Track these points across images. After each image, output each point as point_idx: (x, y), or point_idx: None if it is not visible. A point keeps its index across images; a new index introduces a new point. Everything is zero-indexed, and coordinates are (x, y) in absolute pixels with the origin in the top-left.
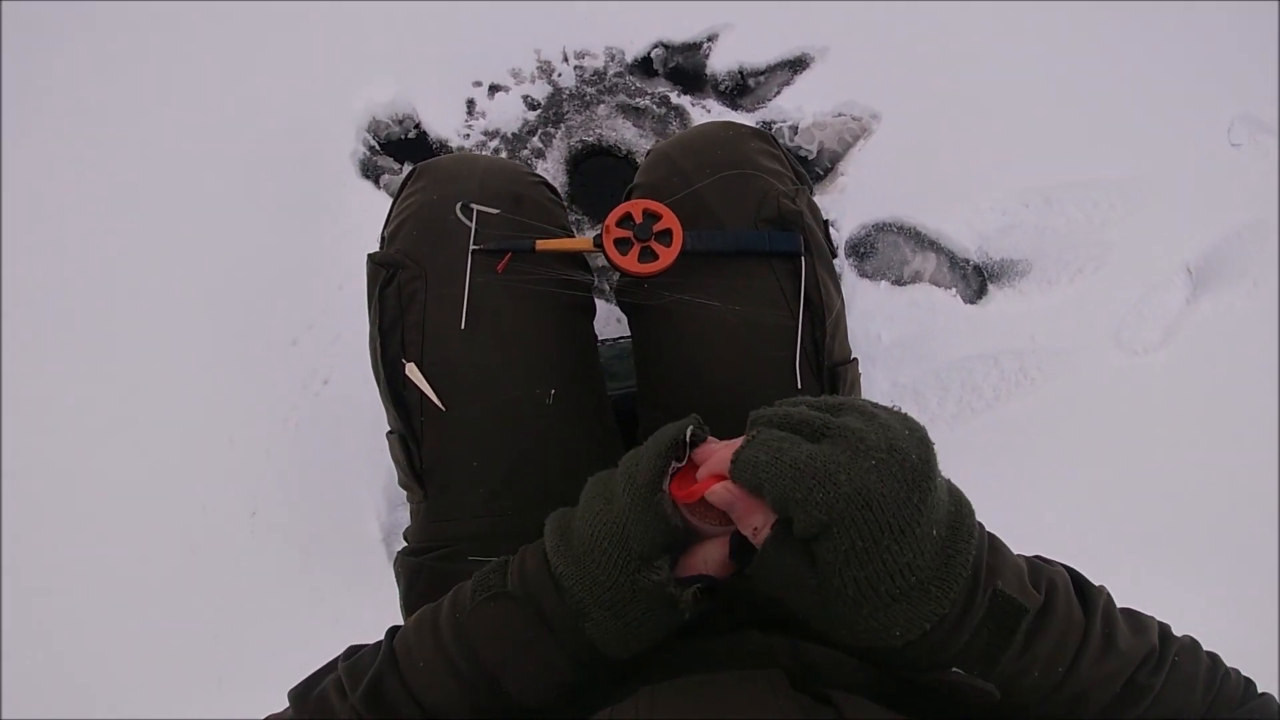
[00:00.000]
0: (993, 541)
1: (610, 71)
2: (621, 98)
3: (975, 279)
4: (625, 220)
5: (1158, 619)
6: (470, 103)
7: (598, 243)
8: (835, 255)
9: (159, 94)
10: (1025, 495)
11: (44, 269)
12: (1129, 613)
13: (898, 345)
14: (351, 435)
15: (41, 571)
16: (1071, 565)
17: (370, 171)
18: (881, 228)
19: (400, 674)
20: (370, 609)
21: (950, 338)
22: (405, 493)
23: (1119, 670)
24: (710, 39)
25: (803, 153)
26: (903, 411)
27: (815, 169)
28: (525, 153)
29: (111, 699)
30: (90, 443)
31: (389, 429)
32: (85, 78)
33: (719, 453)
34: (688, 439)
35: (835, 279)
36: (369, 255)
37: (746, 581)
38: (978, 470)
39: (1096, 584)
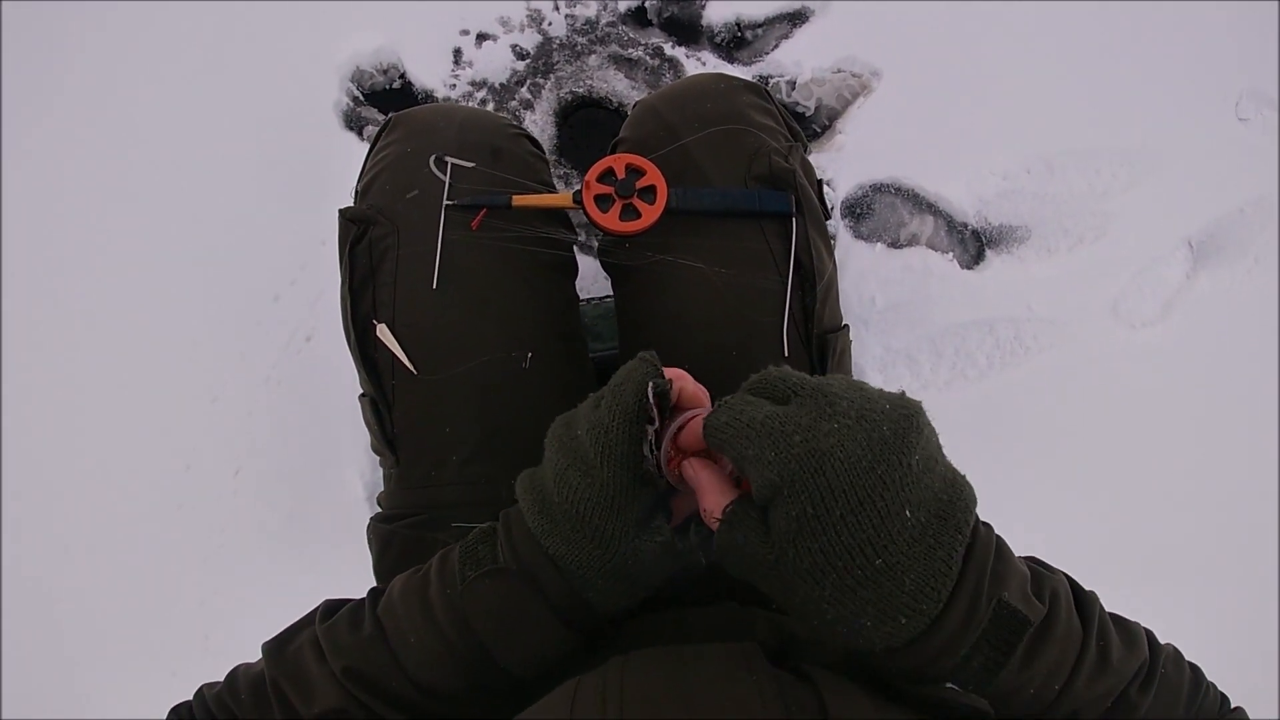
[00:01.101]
0: (1001, 545)
1: (603, 21)
2: (614, 48)
3: (973, 244)
4: (607, 176)
5: (1143, 625)
6: (457, 52)
7: (577, 199)
8: (829, 217)
9: (138, 46)
10: (1016, 465)
11: (21, 231)
12: (1119, 621)
13: (892, 309)
14: (334, 393)
15: (28, 528)
16: (1055, 566)
17: (354, 123)
18: (879, 188)
19: (390, 649)
20: (353, 566)
21: (946, 303)
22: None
23: (1112, 688)
24: None
25: (800, 109)
26: (899, 393)
27: (812, 126)
28: (513, 104)
29: (96, 657)
30: (74, 400)
31: (360, 392)
32: (65, 32)
33: (695, 422)
34: (651, 399)
35: (828, 242)
36: (340, 210)
37: None
38: (969, 437)
39: (1087, 590)
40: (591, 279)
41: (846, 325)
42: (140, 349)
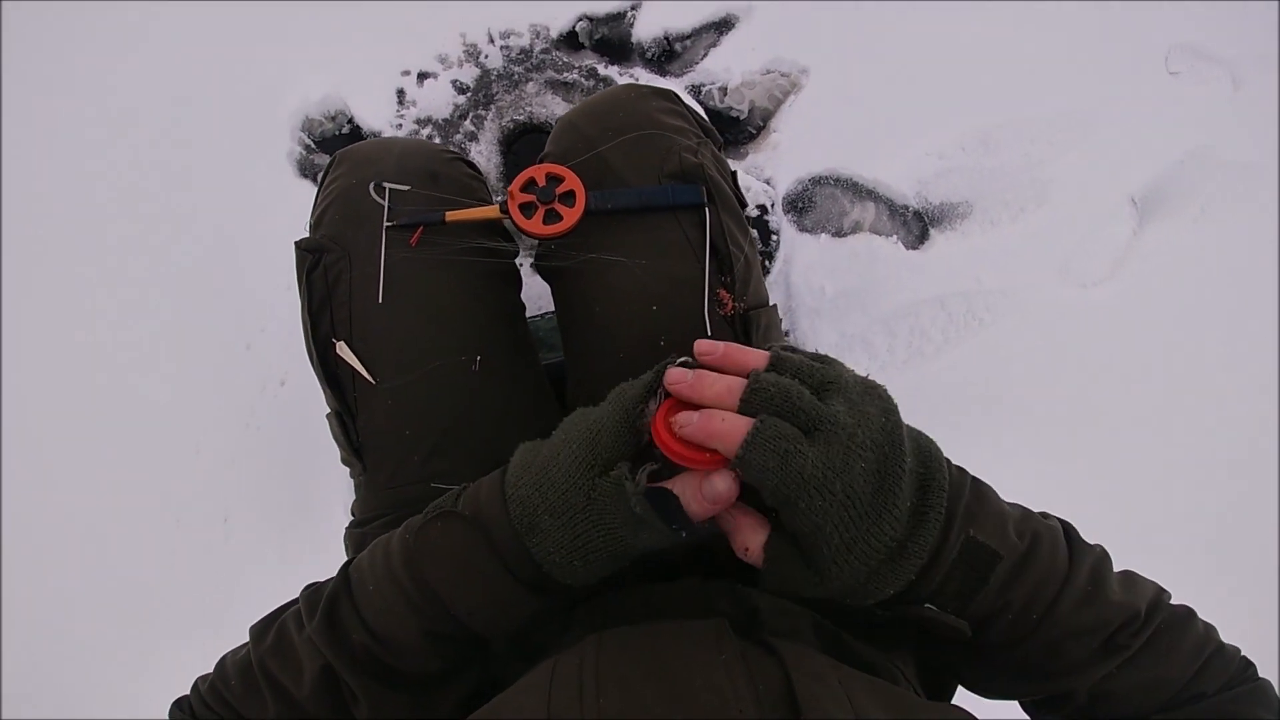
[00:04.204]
0: (978, 488)
1: (536, 49)
2: (549, 74)
3: (916, 225)
4: (529, 185)
5: (1159, 586)
6: (400, 92)
7: (503, 208)
8: (744, 206)
9: (97, 115)
10: (979, 434)
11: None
12: (1127, 575)
13: (842, 296)
14: (312, 432)
15: (23, 594)
16: (1070, 522)
17: (308, 170)
18: (818, 181)
19: (353, 598)
20: None
21: (895, 285)
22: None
23: (1096, 625)
24: (634, 7)
25: (734, 113)
26: (871, 384)
27: (747, 128)
28: (458, 137)
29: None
30: (62, 464)
31: (327, 410)
32: (31, 89)
33: (716, 425)
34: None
35: (744, 228)
36: (295, 242)
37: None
38: (932, 412)
39: (1092, 543)
40: (545, 297)
41: (774, 305)
42: (121, 409)
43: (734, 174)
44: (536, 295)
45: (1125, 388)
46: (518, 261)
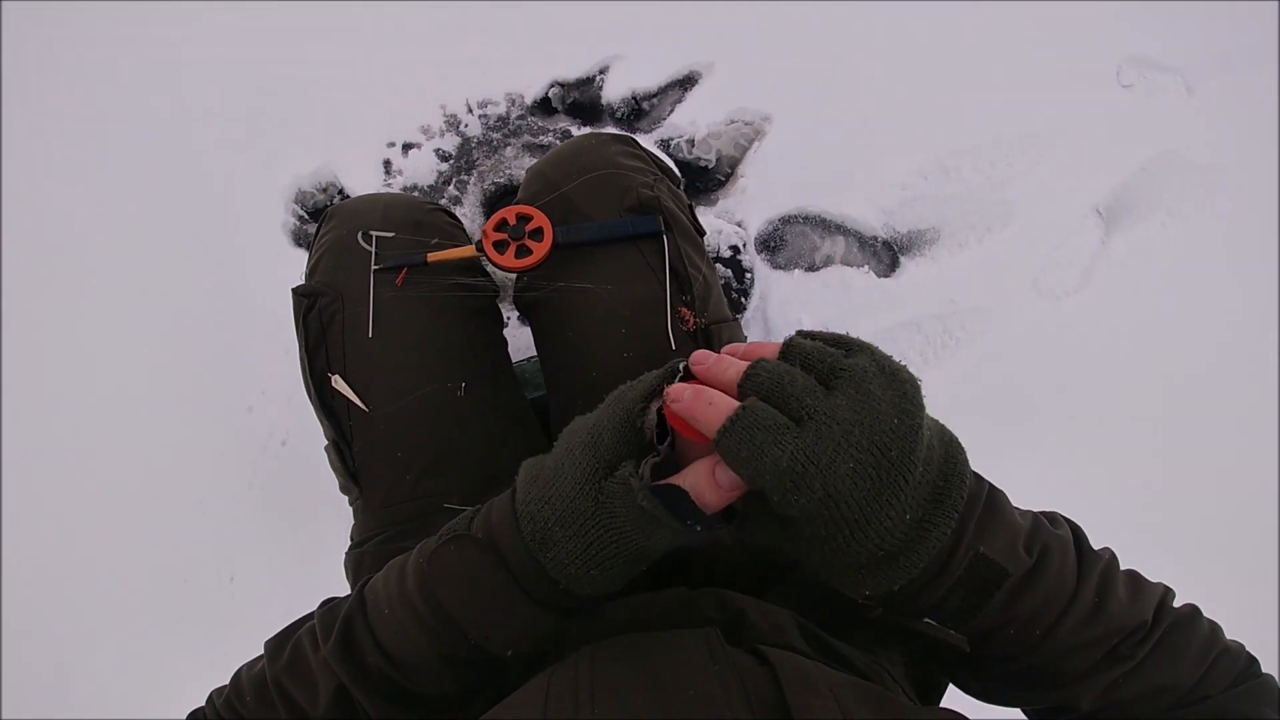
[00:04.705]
0: (993, 499)
1: (513, 115)
2: (526, 138)
3: (886, 254)
4: (501, 225)
5: (1164, 587)
6: (387, 163)
7: (479, 247)
8: (702, 234)
9: (99, 193)
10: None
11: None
12: (1132, 578)
13: (819, 326)
14: (314, 488)
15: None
16: (1080, 527)
17: (302, 240)
18: (787, 220)
19: (368, 621)
20: None
21: (869, 312)
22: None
23: (1100, 638)
24: (602, 71)
25: (702, 162)
26: (899, 375)
27: (717, 175)
28: (443, 201)
29: None
30: (71, 527)
31: (325, 443)
32: (33, 172)
33: (701, 407)
34: (681, 370)
35: (701, 252)
36: (292, 289)
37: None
38: None
39: (1100, 548)
40: (530, 346)
41: (736, 320)
42: (127, 473)
43: (691, 206)
44: (526, 346)
45: (1106, 393)
46: (500, 303)
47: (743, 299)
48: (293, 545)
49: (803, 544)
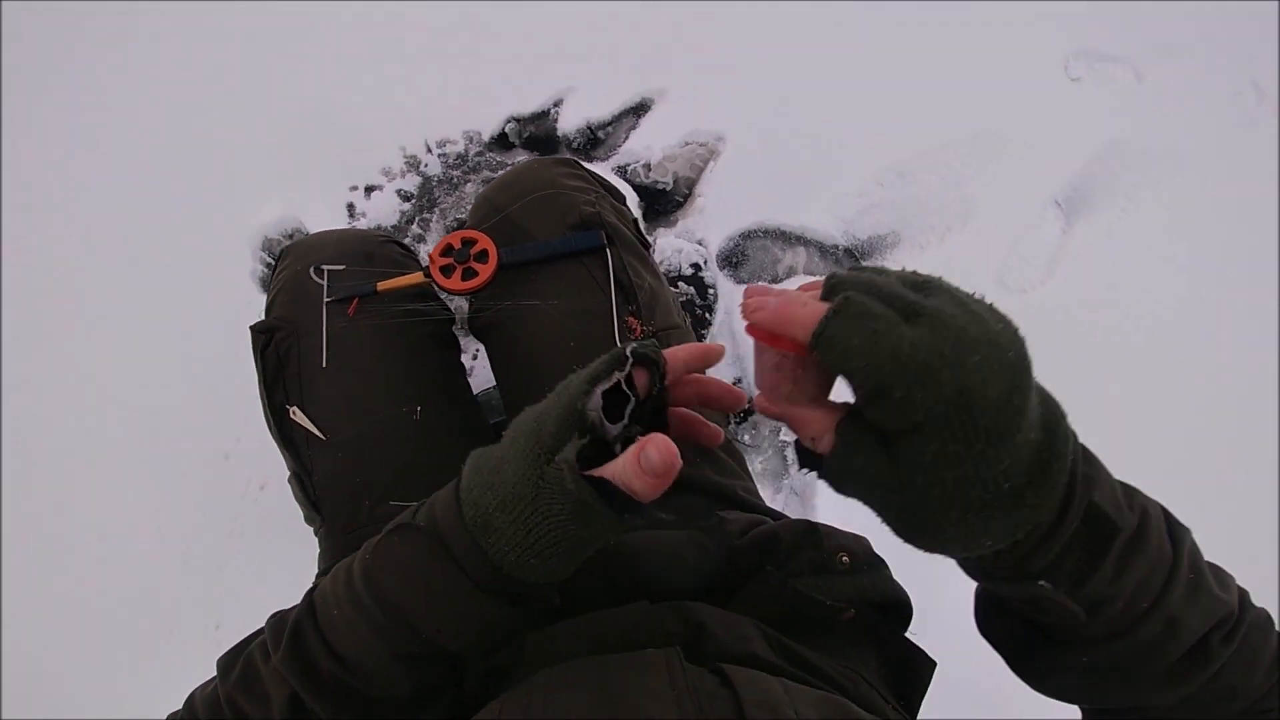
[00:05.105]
0: (1086, 452)
1: (471, 152)
2: (485, 173)
3: (847, 261)
4: (447, 250)
5: (1238, 583)
6: (350, 206)
7: (426, 273)
8: (648, 247)
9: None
10: None
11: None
12: (1214, 567)
13: None
14: (296, 529)
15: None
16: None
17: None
18: (747, 235)
19: (317, 625)
20: None
21: None
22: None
23: (1200, 622)
24: (556, 104)
25: (659, 185)
26: (990, 303)
27: (674, 197)
28: (407, 240)
29: None
30: (58, 584)
31: (288, 474)
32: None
33: (796, 309)
34: (630, 358)
35: (645, 263)
36: (250, 326)
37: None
38: None
39: (1182, 523)
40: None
41: (681, 327)
42: (111, 531)
43: (636, 221)
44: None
45: (1080, 382)
46: (456, 329)
47: (707, 314)
48: (278, 589)
49: (918, 480)
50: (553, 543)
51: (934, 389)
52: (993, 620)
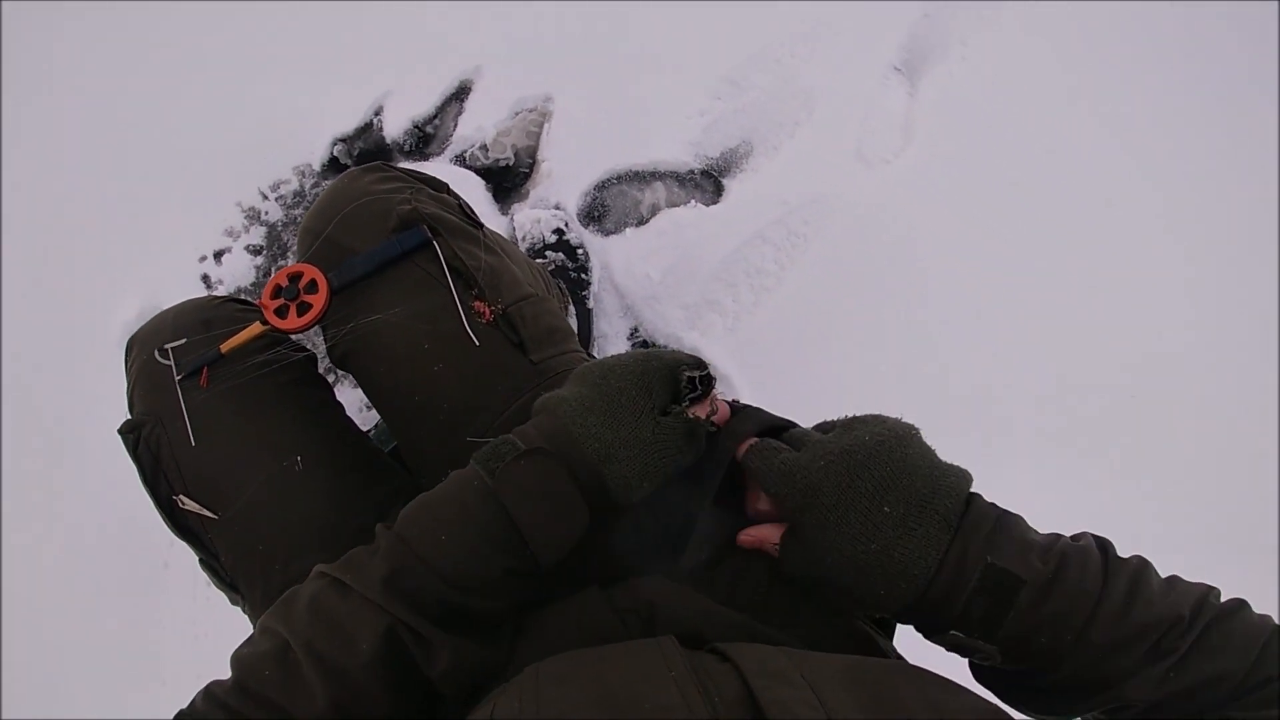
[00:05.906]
0: (1005, 519)
1: (307, 186)
2: None
3: (707, 182)
4: (276, 291)
5: (1206, 586)
6: (205, 277)
7: (263, 321)
8: (479, 226)
9: None
10: (849, 334)
11: None
12: (1169, 579)
13: (669, 274)
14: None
15: None
16: (1107, 539)
17: None
18: (602, 186)
19: (416, 554)
20: None
21: (712, 242)
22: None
23: (1137, 635)
24: (377, 113)
25: (501, 162)
26: (889, 424)
27: (520, 170)
28: None
29: None
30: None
31: (198, 561)
32: None
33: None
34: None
35: (477, 243)
36: (117, 430)
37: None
38: (799, 336)
39: (1129, 556)
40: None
41: (533, 295)
42: (84, 654)
43: (461, 204)
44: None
45: (959, 241)
46: (323, 368)
47: (583, 275)
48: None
49: (816, 555)
50: (660, 469)
51: (792, 485)
52: (978, 668)
